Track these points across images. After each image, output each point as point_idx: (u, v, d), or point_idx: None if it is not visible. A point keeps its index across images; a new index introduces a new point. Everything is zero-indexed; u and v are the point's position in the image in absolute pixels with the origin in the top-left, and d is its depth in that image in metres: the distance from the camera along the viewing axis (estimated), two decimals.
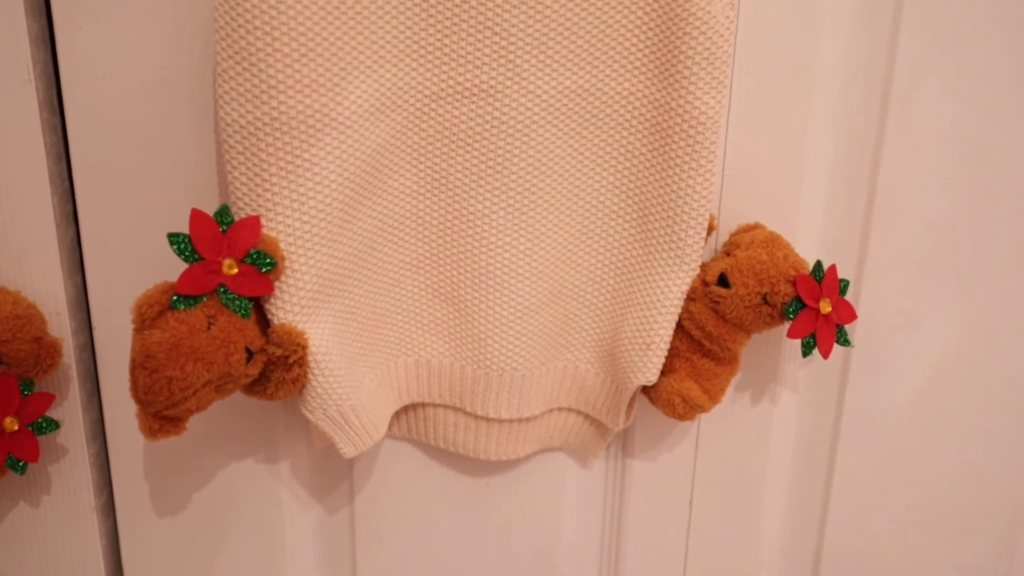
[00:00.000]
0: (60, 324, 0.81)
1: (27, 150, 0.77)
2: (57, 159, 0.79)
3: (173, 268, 0.69)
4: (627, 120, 0.79)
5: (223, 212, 0.70)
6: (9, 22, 0.74)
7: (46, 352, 0.77)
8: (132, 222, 0.80)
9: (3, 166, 0.77)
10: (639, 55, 0.77)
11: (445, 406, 0.87)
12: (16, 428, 0.76)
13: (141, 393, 0.67)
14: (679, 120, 0.77)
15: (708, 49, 0.75)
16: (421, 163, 0.78)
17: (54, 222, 0.79)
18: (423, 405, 0.87)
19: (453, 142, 0.77)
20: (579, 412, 0.89)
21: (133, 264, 0.81)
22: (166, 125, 0.78)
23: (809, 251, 0.88)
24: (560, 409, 0.89)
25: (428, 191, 0.79)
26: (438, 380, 0.85)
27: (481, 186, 0.79)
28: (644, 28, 0.76)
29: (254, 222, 0.70)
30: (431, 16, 0.73)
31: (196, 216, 0.69)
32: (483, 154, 0.78)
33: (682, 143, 0.77)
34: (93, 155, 0.78)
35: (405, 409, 0.88)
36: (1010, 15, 0.83)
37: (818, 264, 0.79)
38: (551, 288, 0.83)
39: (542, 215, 0.80)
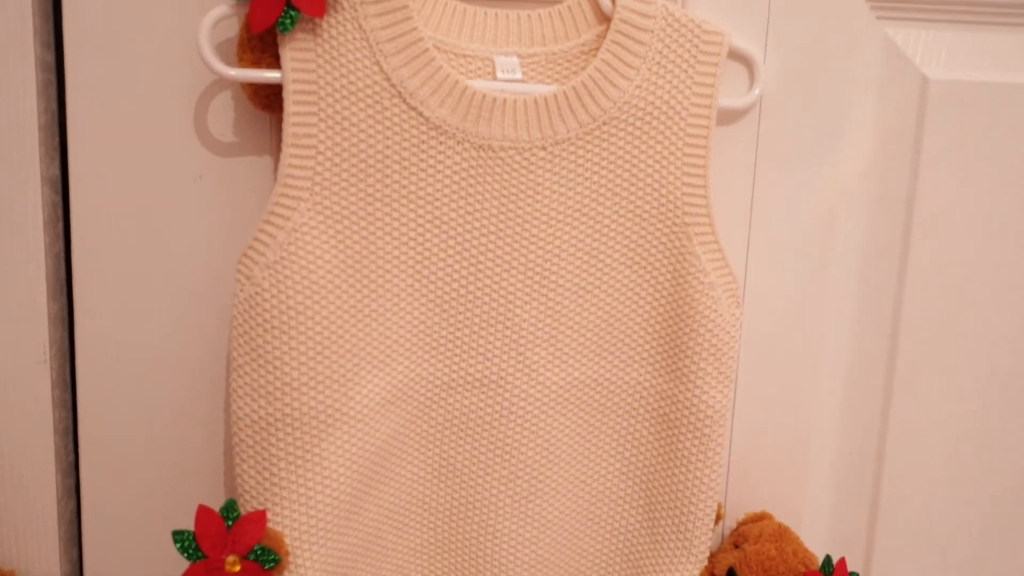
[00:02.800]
0: None
1: (37, 426, 0.77)
2: (64, 434, 0.79)
3: (174, 560, 0.68)
4: (635, 410, 0.80)
5: (229, 507, 0.69)
6: (28, 299, 0.76)
7: None
8: (133, 503, 0.79)
9: (10, 439, 0.77)
10: (647, 347, 0.78)
11: None
12: None
13: None
14: (686, 412, 0.78)
15: (715, 346, 0.77)
16: (429, 450, 0.78)
17: (55, 497, 0.78)
18: None
19: (462, 430, 0.77)
20: None
21: (131, 543, 0.79)
22: (174, 407, 0.79)
23: (816, 538, 0.87)
24: None
25: (435, 478, 0.79)
26: None
27: (488, 473, 0.78)
28: (652, 322, 0.78)
29: (259, 517, 0.70)
30: (445, 311, 0.75)
31: (202, 514, 0.68)
32: (491, 442, 0.78)
33: (689, 435, 0.78)
34: (101, 430, 0.78)
35: None
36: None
37: (827, 560, 0.78)
38: None
39: (549, 502, 0.80)
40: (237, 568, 0.69)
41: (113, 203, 0.76)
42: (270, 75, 0.70)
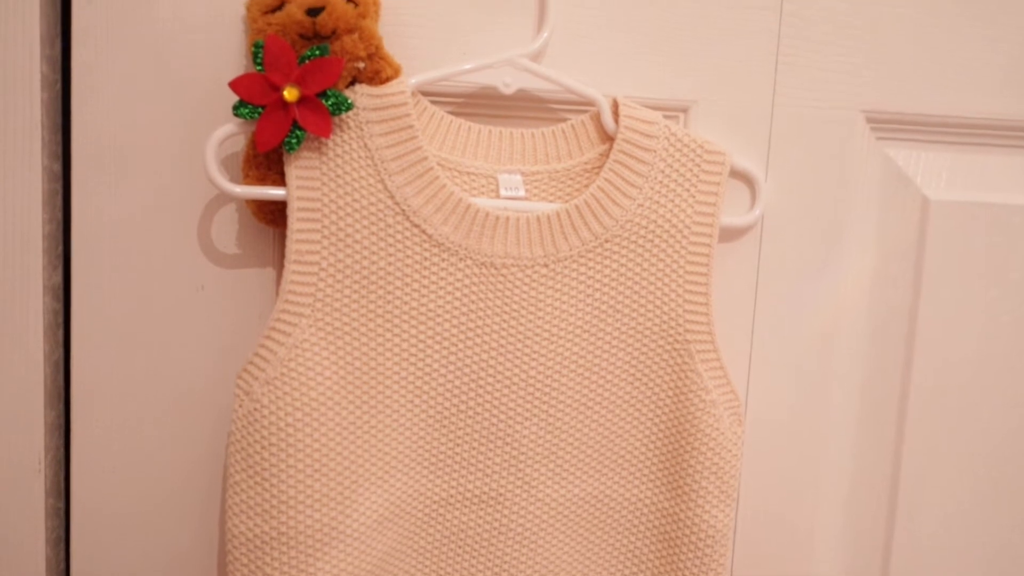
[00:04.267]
0: None
1: (29, 535, 0.76)
2: (56, 544, 0.78)
3: None
4: (635, 527, 0.78)
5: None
6: (24, 406, 0.75)
7: None
8: None
9: (1, 546, 0.76)
10: (648, 464, 0.78)
11: None
12: None
13: None
14: (687, 531, 0.76)
15: (717, 465, 0.76)
16: (427, 568, 0.76)
17: None
18: None
19: (460, 547, 0.76)
20: None
21: None
22: (169, 521, 0.78)
23: None
24: None
25: None
26: None
27: None
28: (653, 439, 0.77)
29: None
30: (444, 427, 0.74)
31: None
32: (489, 559, 0.76)
33: (690, 554, 0.77)
34: (94, 542, 0.77)
35: None
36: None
37: None
38: None
39: None
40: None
41: (114, 312, 0.75)
42: (275, 192, 0.70)
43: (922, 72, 0.80)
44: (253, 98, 0.67)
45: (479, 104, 0.76)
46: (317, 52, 0.67)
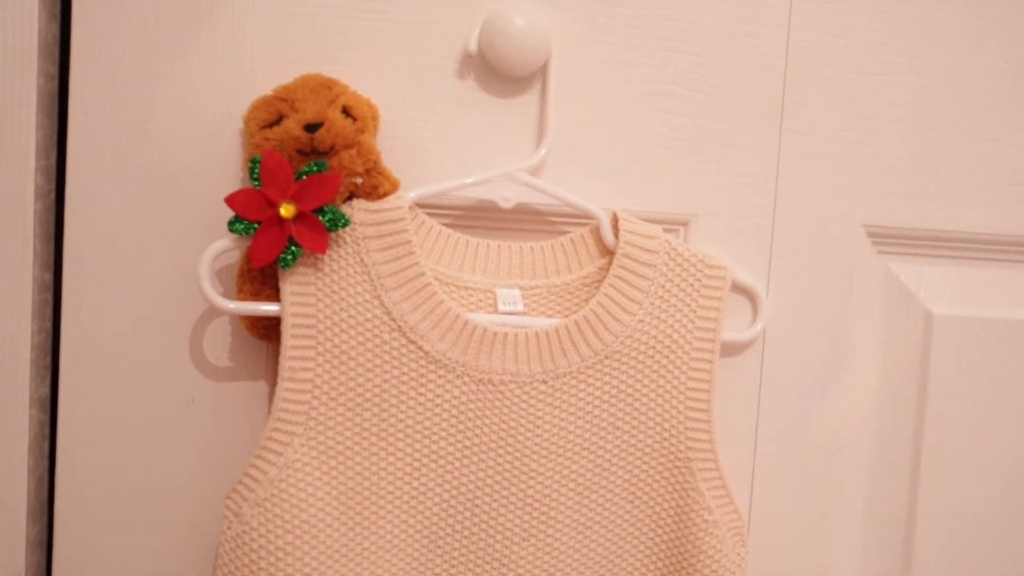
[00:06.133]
0: None
1: None
2: None
3: None
4: None
5: None
6: (6, 522, 0.73)
7: None
8: None
9: None
10: None
11: None
12: None
13: None
14: None
15: None
16: None
17: None
18: None
19: None
20: None
21: None
22: None
23: None
24: None
25: None
26: None
27: None
28: (654, 560, 0.75)
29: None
30: (440, 548, 0.72)
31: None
32: None
33: None
34: None
35: None
36: None
37: None
38: None
39: None
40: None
41: (101, 424, 0.74)
42: (268, 308, 0.69)
43: (922, 186, 0.80)
44: (249, 214, 0.67)
45: (477, 217, 0.76)
46: (315, 168, 0.67)
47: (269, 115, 0.69)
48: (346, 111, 0.69)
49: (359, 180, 0.69)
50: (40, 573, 0.76)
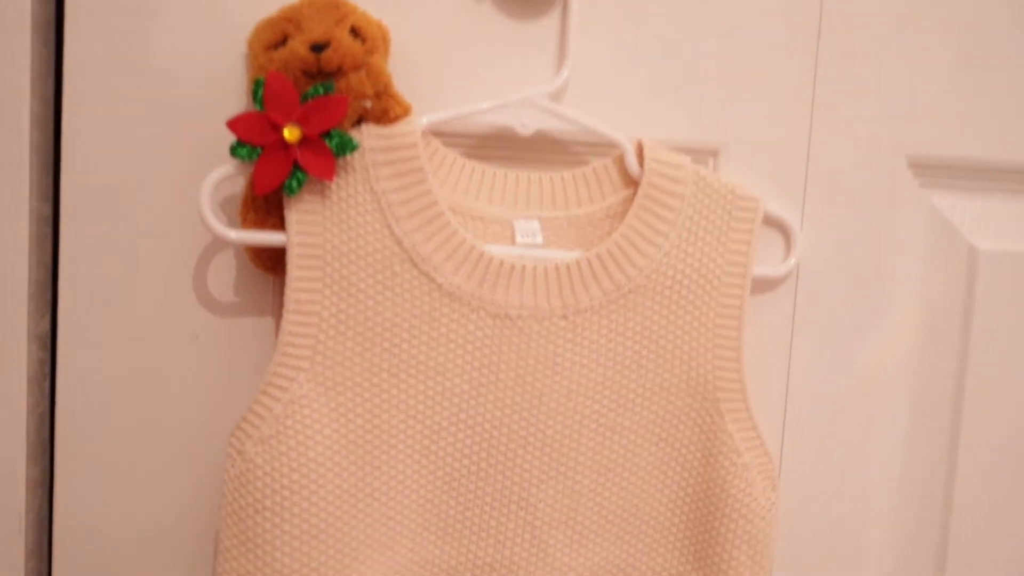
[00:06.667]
0: None
1: None
2: None
3: None
4: None
5: None
6: (5, 463, 0.71)
7: None
8: None
9: None
10: (673, 532, 0.72)
11: None
12: None
13: None
14: None
15: (749, 532, 0.70)
16: None
17: None
18: None
19: None
20: None
21: None
22: None
23: None
24: None
25: None
26: None
27: None
28: (679, 504, 0.72)
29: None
30: (454, 491, 0.69)
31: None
32: None
33: None
34: None
35: None
36: None
37: None
38: None
39: None
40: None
41: (103, 362, 0.71)
42: (273, 238, 0.66)
43: (968, 115, 0.75)
44: (252, 138, 0.63)
45: (494, 146, 0.72)
46: (321, 90, 0.63)
47: (274, 36, 0.65)
48: (355, 31, 0.65)
49: (368, 104, 0.66)
50: (41, 514, 0.74)
